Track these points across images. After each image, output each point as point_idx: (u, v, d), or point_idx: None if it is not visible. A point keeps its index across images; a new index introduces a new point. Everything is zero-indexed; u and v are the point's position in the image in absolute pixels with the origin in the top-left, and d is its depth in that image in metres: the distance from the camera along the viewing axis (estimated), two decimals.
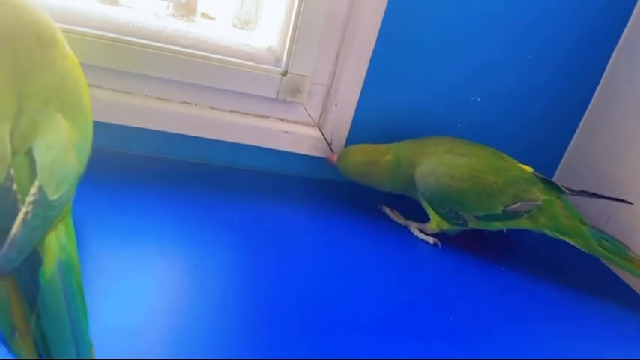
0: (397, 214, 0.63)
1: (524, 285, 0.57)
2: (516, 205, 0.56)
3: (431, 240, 0.60)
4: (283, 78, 0.61)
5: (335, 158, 0.64)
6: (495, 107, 0.70)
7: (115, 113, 0.58)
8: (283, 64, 0.61)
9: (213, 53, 0.59)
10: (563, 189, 0.58)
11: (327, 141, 0.66)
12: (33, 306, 0.31)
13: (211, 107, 0.62)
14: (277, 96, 0.62)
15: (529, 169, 0.59)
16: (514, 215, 0.57)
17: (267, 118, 0.64)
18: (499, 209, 0.57)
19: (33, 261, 0.32)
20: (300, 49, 0.60)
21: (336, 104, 0.64)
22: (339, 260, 0.53)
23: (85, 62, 0.55)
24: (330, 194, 0.66)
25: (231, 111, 0.63)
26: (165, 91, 0.60)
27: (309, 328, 0.43)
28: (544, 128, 0.73)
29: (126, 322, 0.38)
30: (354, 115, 0.65)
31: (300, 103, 0.64)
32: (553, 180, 0.61)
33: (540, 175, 0.59)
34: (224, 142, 0.63)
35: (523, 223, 0.57)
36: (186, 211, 0.54)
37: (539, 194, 0.57)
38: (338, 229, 0.59)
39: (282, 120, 0.65)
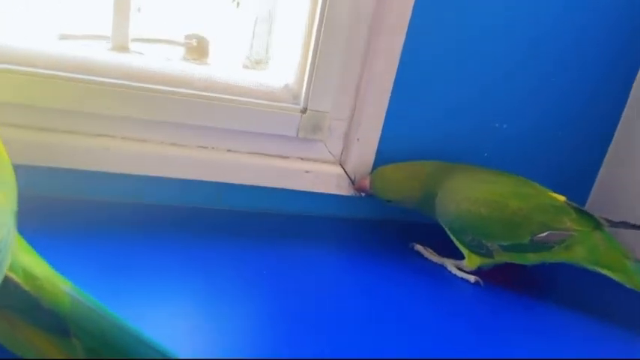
0: (431, 251, 0.60)
1: (572, 324, 0.53)
2: (545, 234, 0.52)
3: (471, 278, 0.56)
4: (303, 115, 0.58)
5: (367, 182, 0.61)
6: (522, 132, 0.67)
7: (130, 162, 0.55)
8: (302, 101, 0.58)
9: (228, 94, 0.56)
10: (601, 220, 0.54)
11: (349, 178, 0.63)
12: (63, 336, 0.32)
13: (229, 150, 0.59)
14: (297, 134, 0.59)
15: (561, 197, 0.56)
16: (544, 246, 0.53)
17: (287, 158, 0.61)
18: (526, 238, 0.53)
19: (33, 302, 0.32)
20: (319, 85, 0.57)
21: (357, 139, 0.61)
22: (372, 305, 0.49)
23: (97, 112, 0.53)
24: (357, 233, 0.63)
25: (250, 153, 0.60)
26: (181, 136, 0.57)
27: None
28: (574, 152, 0.70)
29: None
30: (377, 148, 0.62)
31: (321, 140, 0.61)
32: (588, 209, 0.58)
33: (575, 205, 0.55)
34: (243, 186, 0.60)
35: (558, 255, 0.53)
36: (208, 261, 0.50)
37: (570, 224, 0.53)
38: (369, 270, 0.55)
39: (302, 159, 0.62)
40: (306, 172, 0.61)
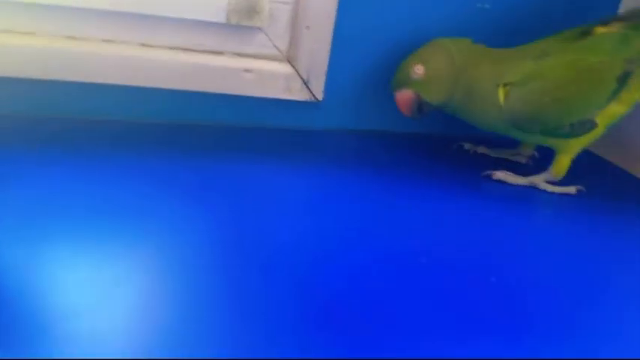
0: (511, 174, 0.49)
1: None
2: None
3: (572, 190, 0.48)
4: None
5: (409, 96, 0.48)
6: (509, 10, 0.55)
7: (11, 63, 0.43)
8: None
9: None
10: None
11: (302, 79, 0.51)
12: None
13: (143, 45, 0.47)
14: (228, 20, 0.47)
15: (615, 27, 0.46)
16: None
17: (221, 53, 0.49)
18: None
19: None
20: None
21: (307, 27, 0.49)
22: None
23: None
24: (319, 148, 0.52)
25: (170, 48, 0.48)
26: (79, 26, 0.45)
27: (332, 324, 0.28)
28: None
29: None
30: (333, 38, 0.50)
31: (260, 29, 0.49)
32: None
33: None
34: (167, 92, 0.48)
35: None
36: (130, 180, 0.40)
37: None
38: (331, 189, 0.44)
39: (239, 55, 0.50)
40: (246, 70, 0.49)
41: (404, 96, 0.48)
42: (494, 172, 0.49)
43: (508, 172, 0.49)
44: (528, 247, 0.40)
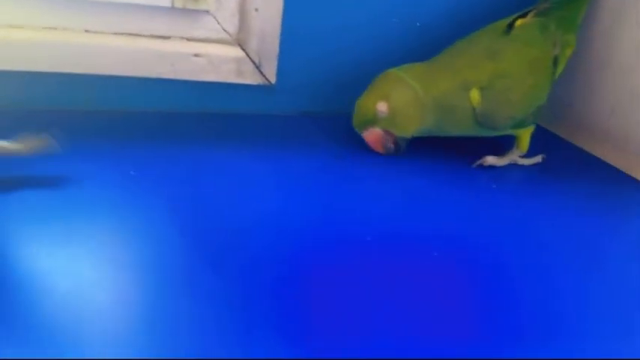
0: (497, 157, 0.49)
1: None
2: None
3: (539, 158, 0.51)
4: None
5: (379, 135, 0.47)
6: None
7: None
8: None
9: None
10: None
11: (253, 62, 0.50)
12: None
13: (87, 31, 0.46)
14: (173, 4, 0.46)
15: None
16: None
17: (168, 38, 0.48)
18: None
19: None
20: None
21: (256, 9, 0.49)
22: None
23: None
24: (274, 131, 0.51)
25: (116, 33, 0.47)
26: (18, 13, 0.44)
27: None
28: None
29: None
30: (283, 20, 0.50)
31: (208, 12, 0.48)
32: None
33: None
34: (116, 78, 0.47)
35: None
36: (81, 167, 0.39)
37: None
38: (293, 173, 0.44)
39: (188, 39, 0.49)
40: (195, 55, 0.49)
41: (374, 135, 0.46)
42: (484, 159, 0.49)
43: (494, 156, 0.49)
44: (474, 221, 0.40)
